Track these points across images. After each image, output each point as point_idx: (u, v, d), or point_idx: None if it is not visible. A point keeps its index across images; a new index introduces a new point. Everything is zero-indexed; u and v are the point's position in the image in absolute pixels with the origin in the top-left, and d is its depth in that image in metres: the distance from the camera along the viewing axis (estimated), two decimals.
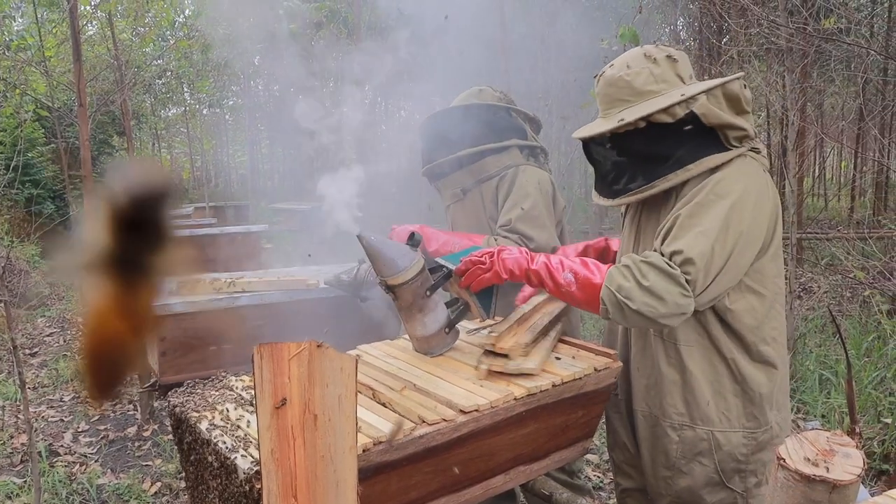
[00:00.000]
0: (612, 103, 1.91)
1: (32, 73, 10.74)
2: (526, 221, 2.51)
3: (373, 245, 1.94)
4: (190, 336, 2.46)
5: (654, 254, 1.78)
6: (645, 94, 1.86)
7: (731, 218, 1.75)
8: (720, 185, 1.79)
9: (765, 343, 1.90)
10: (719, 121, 1.80)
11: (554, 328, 2.09)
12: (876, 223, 7.82)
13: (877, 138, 7.70)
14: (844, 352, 1.98)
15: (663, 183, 1.85)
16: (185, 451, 1.79)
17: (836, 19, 5.91)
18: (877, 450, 3.74)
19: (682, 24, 11.98)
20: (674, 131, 1.82)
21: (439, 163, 2.68)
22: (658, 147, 1.84)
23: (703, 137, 1.82)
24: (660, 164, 1.85)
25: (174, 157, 25.98)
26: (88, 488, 3.77)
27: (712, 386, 1.90)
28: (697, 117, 1.79)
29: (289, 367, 1.20)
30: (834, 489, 1.21)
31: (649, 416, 2.01)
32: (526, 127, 2.72)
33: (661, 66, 1.87)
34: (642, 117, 1.82)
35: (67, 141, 10.71)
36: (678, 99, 1.80)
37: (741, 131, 1.83)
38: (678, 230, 1.78)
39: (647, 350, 1.99)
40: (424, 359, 1.99)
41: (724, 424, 1.90)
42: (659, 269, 1.73)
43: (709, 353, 1.90)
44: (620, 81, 1.89)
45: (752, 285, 1.86)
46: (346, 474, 1.28)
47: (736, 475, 1.92)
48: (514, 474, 1.85)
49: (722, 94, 1.83)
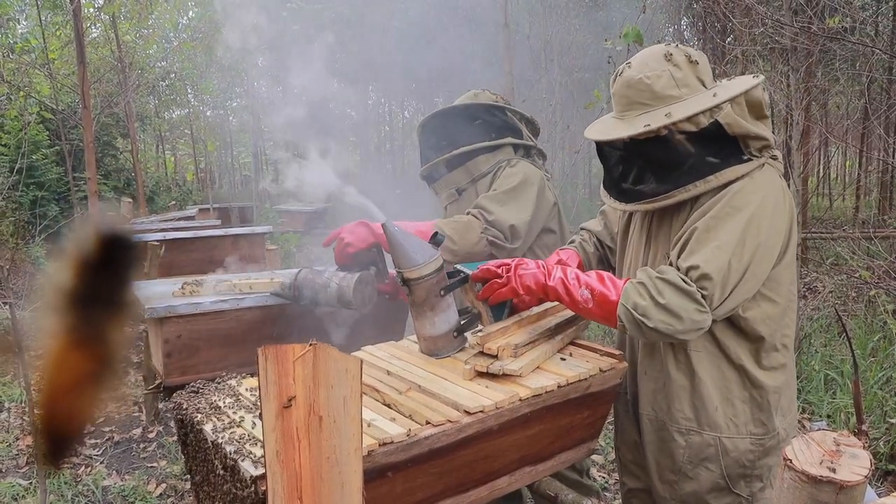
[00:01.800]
0: (630, 105, 1.86)
1: (36, 75, 10.78)
2: (491, 199, 2.51)
3: (395, 236, 1.97)
4: (195, 337, 2.46)
5: (670, 269, 1.76)
6: (665, 99, 1.80)
7: (748, 231, 1.73)
8: (737, 198, 1.76)
9: (775, 349, 1.89)
10: (743, 131, 1.77)
11: (563, 331, 2.08)
12: (881, 222, 7.80)
13: (882, 137, 7.67)
14: (851, 352, 1.97)
15: (682, 194, 1.81)
16: (189, 452, 1.79)
17: (841, 18, 5.89)
18: (883, 450, 3.72)
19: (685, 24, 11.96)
20: (696, 139, 1.78)
21: (435, 163, 2.69)
22: (678, 155, 1.80)
23: (725, 146, 1.78)
24: (678, 171, 1.80)
25: (178, 158, 26.03)
26: (94, 490, 3.78)
27: (721, 392, 1.89)
28: (721, 127, 1.76)
29: (294, 368, 1.20)
30: (841, 490, 1.21)
31: (655, 420, 2.00)
32: (522, 127, 2.73)
33: (682, 70, 1.82)
34: (665, 126, 1.76)
35: (71, 143, 10.73)
36: (703, 107, 1.75)
37: (763, 141, 1.80)
38: (694, 244, 1.76)
39: (656, 354, 1.98)
40: (429, 360, 1.99)
41: (731, 430, 1.89)
42: (675, 286, 1.71)
43: (718, 359, 1.89)
44: (640, 84, 1.82)
45: (768, 293, 1.84)
46: (352, 476, 1.28)
47: (742, 480, 1.91)
48: (519, 475, 1.84)
49: (745, 100, 1.79)
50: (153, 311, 2.37)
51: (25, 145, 9.21)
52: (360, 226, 2.40)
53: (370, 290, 2.40)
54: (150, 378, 4.38)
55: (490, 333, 1.90)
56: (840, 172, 17.76)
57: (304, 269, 2.51)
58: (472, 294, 2.05)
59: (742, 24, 6.21)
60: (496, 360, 1.84)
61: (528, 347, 1.92)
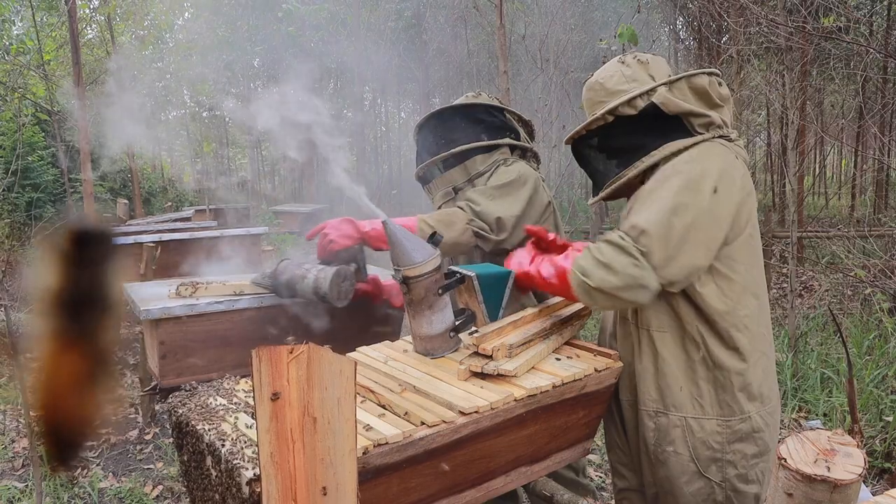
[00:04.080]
0: (592, 107, 2.04)
1: (32, 76, 10.75)
2: (481, 192, 2.52)
3: (395, 233, 1.99)
4: (190, 339, 2.45)
5: (612, 232, 1.86)
6: (617, 94, 1.96)
7: (690, 191, 1.81)
8: (678, 163, 1.87)
9: (736, 329, 1.90)
10: (679, 109, 1.88)
11: (559, 331, 2.08)
12: (876, 221, 7.82)
13: (877, 136, 7.70)
14: (845, 351, 1.97)
15: (630, 171, 1.94)
16: (185, 454, 1.79)
17: (836, 17, 5.90)
18: (879, 448, 3.73)
19: (681, 24, 11.99)
20: (639, 123, 1.92)
21: (432, 161, 2.69)
22: (626, 139, 1.96)
23: (668, 126, 1.91)
24: (630, 155, 1.95)
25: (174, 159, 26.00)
26: (90, 492, 3.77)
27: (685, 372, 1.92)
28: (658, 107, 1.89)
29: (287, 369, 1.20)
30: (835, 489, 1.21)
31: (633, 404, 2.03)
32: (520, 129, 2.73)
33: (631, 68, 1.99)
34: (608, 111, 1.93)
35: (67, 144, 10.71)
36: (638, 91, 1.91)
37: (704, 118, 1.90)
38: (636, 205, 1.87)
39: (627, 339, 2.03)
40: (424, 360, 1.99)
41: (696, 411, 1.92)
42: (613, 243, 1.80)
43: (681, 339, 1.93)
44: (596, 85, 2.03)
45: (721, 269, 1.88)
46: (346, 477, 1.28)
47: (713, 464, 1.91)
48: (514, 476, 1.84)
49: (687, 87, 1.92)
50: (148, 313, 2.36)
51: (20, 146, 9.18)
52: (345, 223, 2.40)
53: (347, 286, 2.39)
54: (147, 380, 4.38)
55: (485, 334, 1.90)
56: (835, 171, 17.80)
57: (286, 261, 2.52)
58: (468, 295, 2.05)
59: (737, 24, 6.23)
60: (491, 360, 1.84)
61: (522, 348, 1.92)
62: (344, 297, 2.39)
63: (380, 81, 17.43)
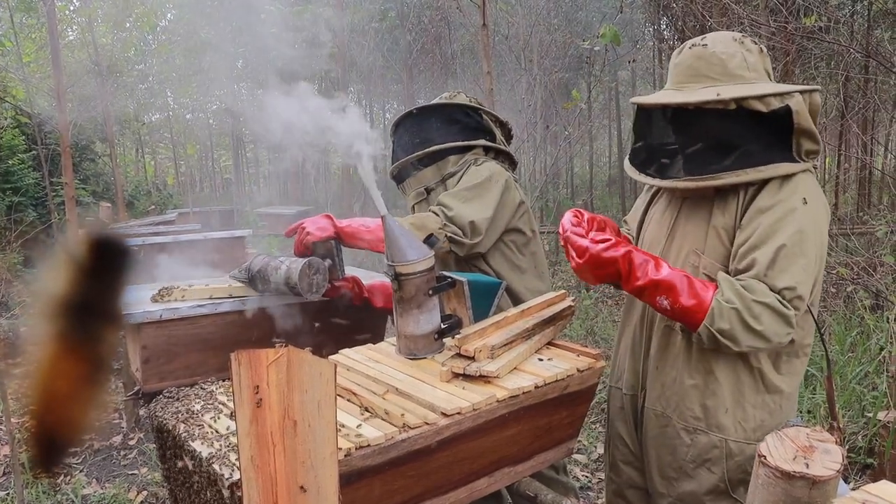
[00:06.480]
0: (695, 77, 1.81)
1: (11, 79, 10.63)
2: (453, 195, 2.50)
3: (392, 229, 2.00)
4: (172, 343, 2.43)
5: (762, 288, 1.70)
6: (735, 77, 1.78)
7: (822, 246, 1.76)
8: (814, 211, 1.75)
9: (796, 356, 1.88)
10: (807, 125, 1.73)
11: (541, 332, 2.08)
12: (859, 219, 7.87)
13: (858, 136, 7.76)
14: (824, 349, 1.99)
15: (731, 177, 1.75)
16: (166, 459, 1.77)
17: (817, 17, 5.94)
18: (861, 444, 3.76)
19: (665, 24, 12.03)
20: (759, 123, 1.73)
21: (406, 160, 2.68)
22: (736, 136, 1.75)
23: (781, 140, 1.75)
24: (728, 154, 1.75)
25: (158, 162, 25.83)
26: (73, 499, 3.73)
27: (733, 395, 1.86)
28: (790, 114, 1.72)
29: (267, 373, 1.19)
30: (814, 485, 1.22)
31: (662, 415, 1.97)
32: (496, 131, 2.72)
33: (754, 56, 1.81)
34: (738, 98, 1.72)
35: (48, 147, 10.60)
36: (776, 90, 1.73)
37: (816, 146, 1.77)
38: (784, 262, 1.70)
39: (671, 349, 1.94)
40: (406, 363, 1.98)
41: (738, 434, 1.86)
42: (773, 310, 1.68)
43: (735, 361, 1.85)
44: (714, 58, 1.79)
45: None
46: (327, 480, 1.27)
47: (742, 486, 1.86)
48: (498, 476, 1.84)
49: (809, 101, 1.76)
50: (130, 317, 2.34)
51: (1, 150, 9.08)
52: (323, 218, 2.41)
53: (320, 279, 2.37)
54: (130, 384, 4.34)
55: (467, 335, 1.90)
56: (818, 170, 17.93)
57: (262, 255, 2.52)
58: (457, 300, 2.06)
59: (719, 24, 6.26)
60: (473, 361, 1.84)
61: (505, 349, 1.92)
62: (316, 290, 2.37)
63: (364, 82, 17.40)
